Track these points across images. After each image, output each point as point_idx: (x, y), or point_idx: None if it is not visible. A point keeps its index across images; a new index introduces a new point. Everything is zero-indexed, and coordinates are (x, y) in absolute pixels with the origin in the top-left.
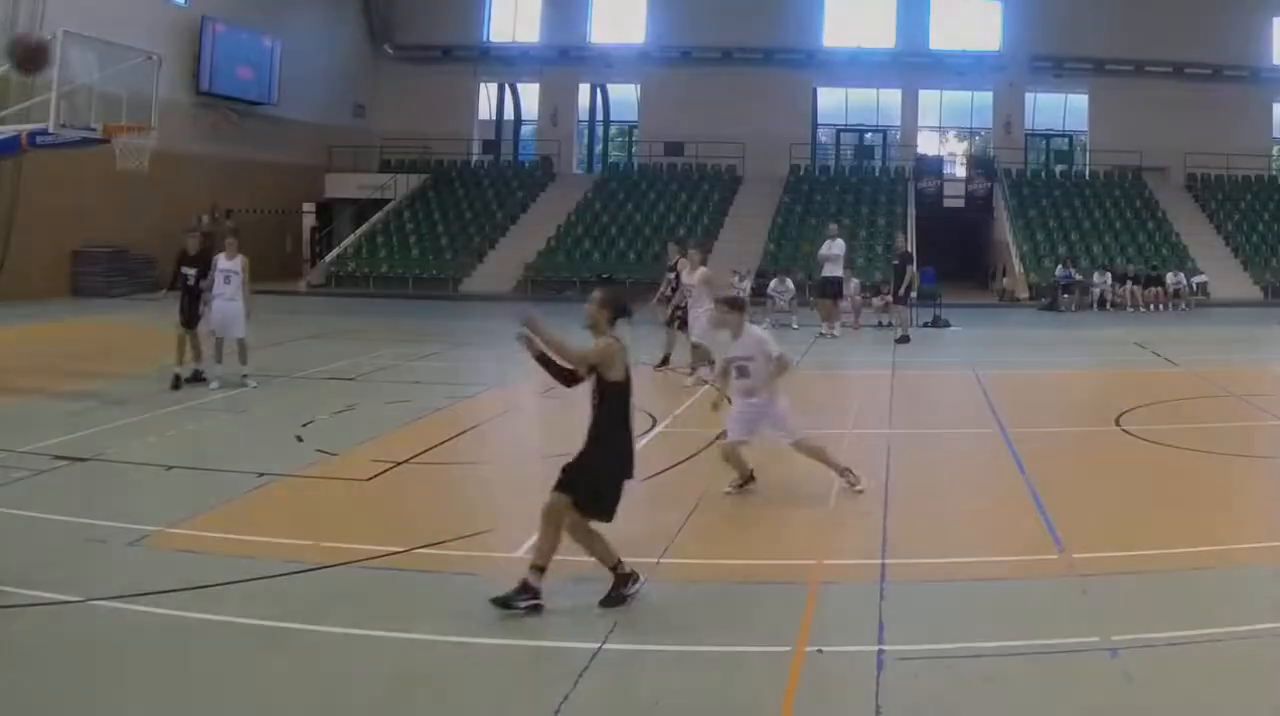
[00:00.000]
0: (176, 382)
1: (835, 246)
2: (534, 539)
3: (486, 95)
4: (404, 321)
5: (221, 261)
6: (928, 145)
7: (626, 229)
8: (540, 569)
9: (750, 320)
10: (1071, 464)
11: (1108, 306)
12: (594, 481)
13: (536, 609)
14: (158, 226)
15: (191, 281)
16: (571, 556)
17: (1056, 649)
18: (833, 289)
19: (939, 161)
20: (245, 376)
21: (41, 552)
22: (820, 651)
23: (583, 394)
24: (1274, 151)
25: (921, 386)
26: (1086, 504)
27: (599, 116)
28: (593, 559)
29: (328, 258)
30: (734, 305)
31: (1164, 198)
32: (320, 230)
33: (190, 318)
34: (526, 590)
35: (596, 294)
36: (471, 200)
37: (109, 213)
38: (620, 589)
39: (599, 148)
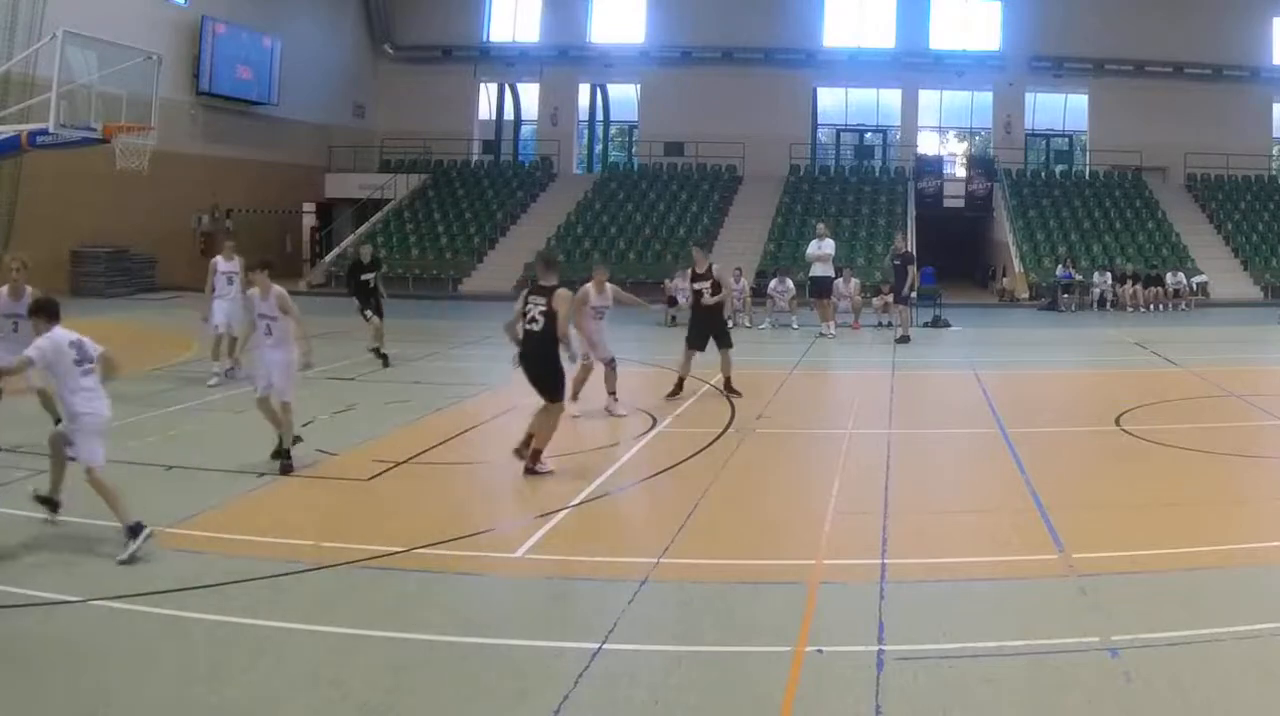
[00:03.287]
0: (384, 361)
1: (825, 245)
2: (534, 540)
3: (486, 95)
4: (404, 321)
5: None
6: (928, 145)
7: (626, 229)
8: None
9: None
10: (1071, 464)
11: (1108, 306)
12: None
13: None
14: (158, 226)
15: (372, 284)
16: (572, 556)
17: (1056, 649)
18: (824, 288)
19: (939, 161)
20: None
21: (41, 552)
22: (820, 651)
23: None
24: (1274, 151)
25: (921, 386)
26: (1086, 504)
27: (599, 116)
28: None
29: (328, 258)
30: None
31: (1164, 198)
32: (320, 230)
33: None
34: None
35: None
36: (471, 200)
37: (109, 213)
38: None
39: (599, 148)
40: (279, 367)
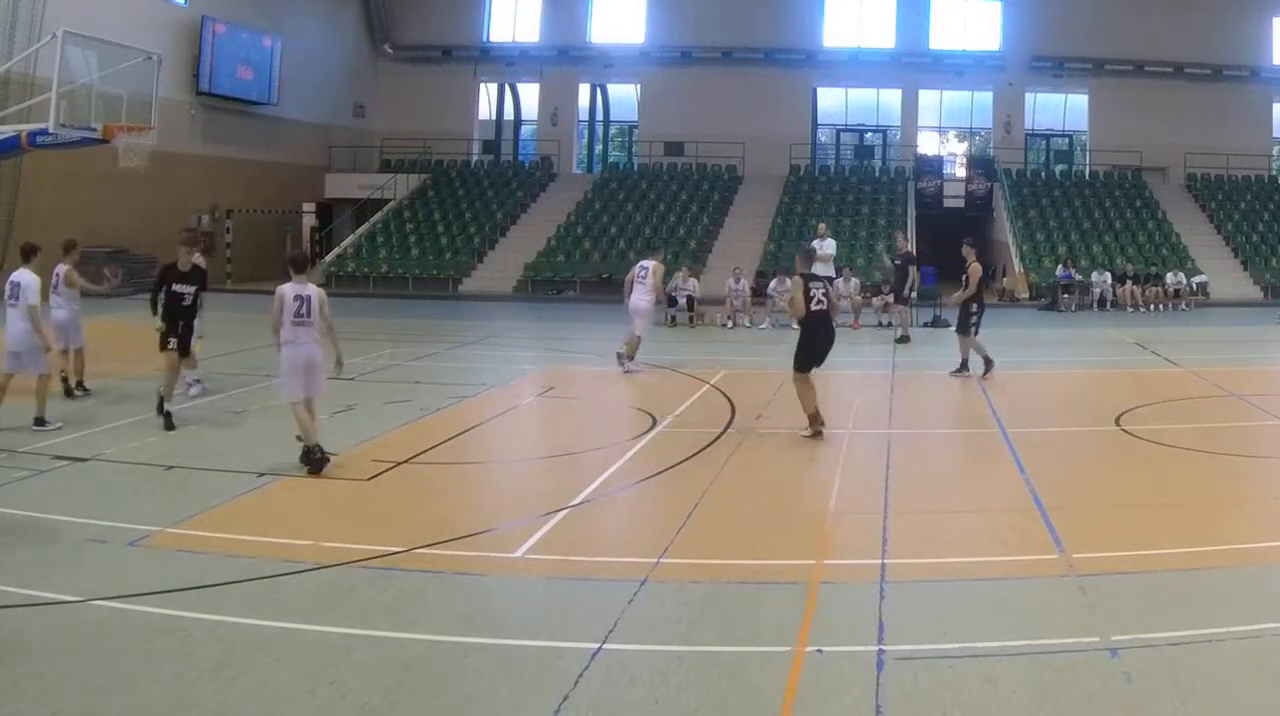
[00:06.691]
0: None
1: (826, 245)
2: (533, 540)
3: (486, 95)
4: (404, 321)
5: None
6: (928, 145)
7: (626, 229)
8: None
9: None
10: (1071, 464)
11: (1108, 306)
12: None
13: None
14: (158, 226)
15: (188, 300)
16: (572, 556)
17: (1056, 649)
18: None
19: (939, 161)
20: None
21: (41, 552)
22: (820, 651)
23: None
24: (1274, 151)
25: (921, 386)
26: (1086, 504)
27: (599, 116)
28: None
29: (328, 258)
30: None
31: (1164, 198)
32: (320, 230)
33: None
34: None
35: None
36: (471, 200)
37: (109, 212)
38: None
39: (599, 148)
40: None
